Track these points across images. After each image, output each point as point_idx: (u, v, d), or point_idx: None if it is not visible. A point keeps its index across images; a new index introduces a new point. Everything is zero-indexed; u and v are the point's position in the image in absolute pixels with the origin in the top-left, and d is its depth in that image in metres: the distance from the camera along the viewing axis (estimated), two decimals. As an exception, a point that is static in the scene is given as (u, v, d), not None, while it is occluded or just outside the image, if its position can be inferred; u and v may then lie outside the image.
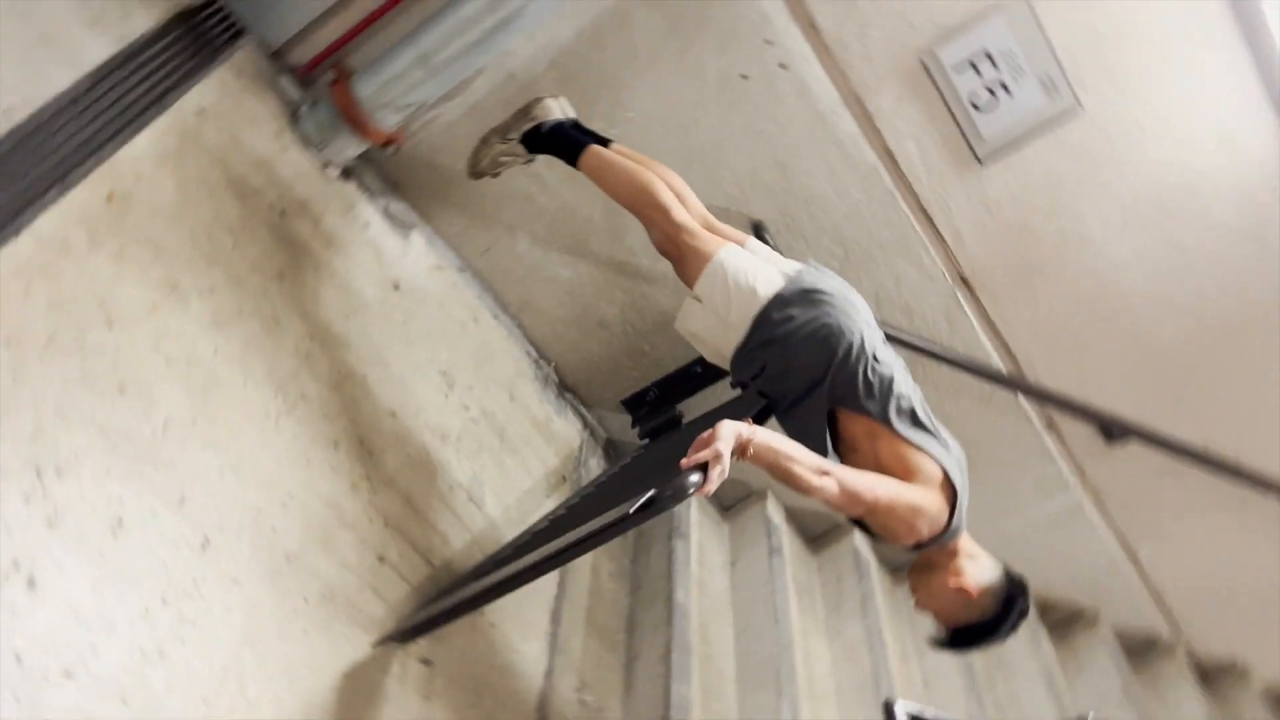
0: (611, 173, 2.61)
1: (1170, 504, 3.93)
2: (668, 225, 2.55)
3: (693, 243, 2.52)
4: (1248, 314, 3.50)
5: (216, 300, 2.43)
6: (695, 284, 2.50)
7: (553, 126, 2.70)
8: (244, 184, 2.75)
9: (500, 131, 2.73)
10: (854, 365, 2.41)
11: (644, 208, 2.58)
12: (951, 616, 2.45)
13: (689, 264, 2.53)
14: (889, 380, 2.44)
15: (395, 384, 2.88)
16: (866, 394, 2.42)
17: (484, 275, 3.57)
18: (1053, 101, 3.14)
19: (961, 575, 2.42)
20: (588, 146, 2.65)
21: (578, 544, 2.09)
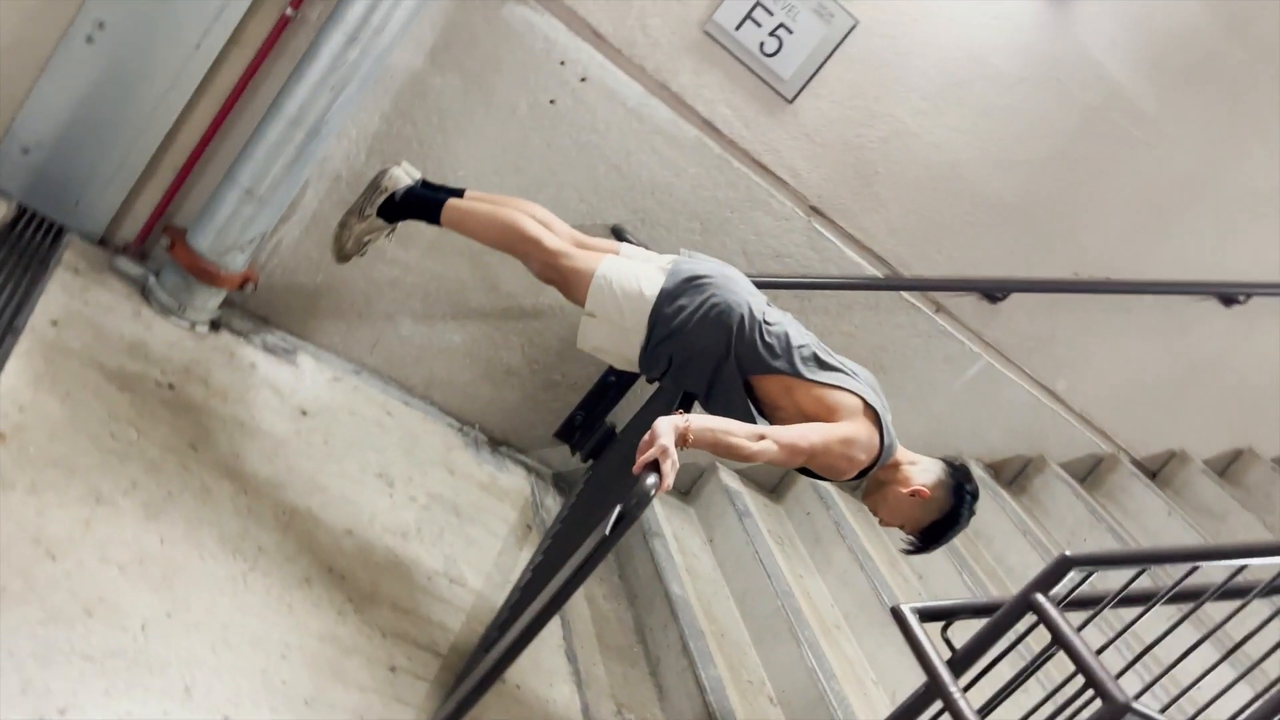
0: (475, 220, 2.69)
1: (1064, 335, 4.22)
2: (543, 255, 2.65)
3: (571, 264, 2.63)
4: (1061, 145, 3.79)
5: (143, 493, 2.43)
6: (586, 302, 2.60)
7: (405, 192, 2.73)
8: (124, 373, 2.74)
9: (356, 211, 2.76)
10: (750, 334, 2.57)
11: (516, 244, 2.68)
12: (916, 520, 2.63)
13: (574, 285, 2.64)
14: (785, 336, 2.60)
15: (340, 503, 2.92)
16: (770, 355, 2.58)
17: (381, 370, 3.62)
18: (831, 25, 3.34)
19: (910, 480, 2.62)
20: (445, 203, 2.71)
21: (570, 581, 2.18)
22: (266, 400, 3.10)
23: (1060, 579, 2.18)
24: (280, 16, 2.96)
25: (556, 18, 3.16)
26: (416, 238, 3.40)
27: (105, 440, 2.50)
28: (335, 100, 2.90)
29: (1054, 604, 2.17)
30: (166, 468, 2.56)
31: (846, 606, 3.67)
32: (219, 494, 2.62)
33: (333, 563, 2.70)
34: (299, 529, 2.72)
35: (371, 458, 3.23)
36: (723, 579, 3.71)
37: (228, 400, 2.96)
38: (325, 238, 3.32)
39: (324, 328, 3.49)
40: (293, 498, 2.80)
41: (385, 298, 3.48)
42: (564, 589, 2.25)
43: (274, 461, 2.87)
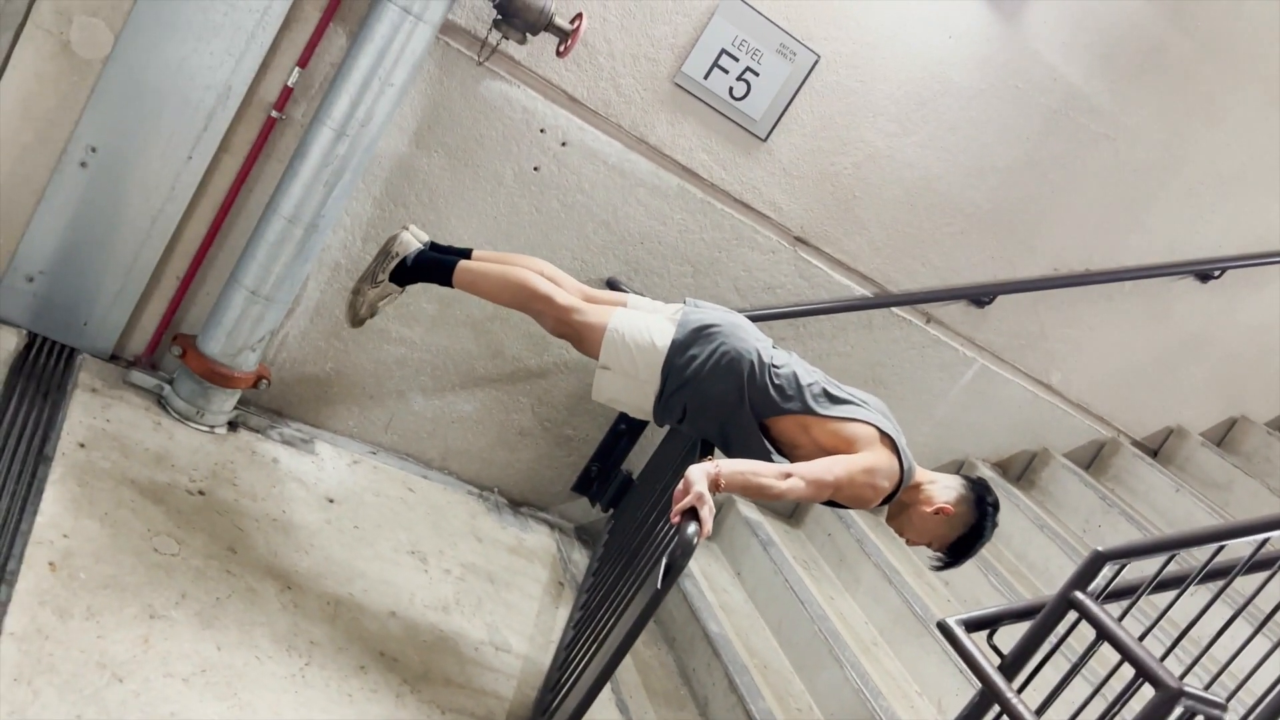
0: (488, 282, 2.76)
1: (1052, 330, 4.33)
2: (555, 311, 2.72)
3: (583, 319, 2.70)
4: (1028, 149, 3.91)
5: (194, 603, 2.47)
6: (599, 355, 2.68)
7: (415, 257, 2.78)
8: (155, 485, 2.78)
9: (368, 278, 2.80)
10: (762, 379, 2.66)
11: (528, 303, 2.74)
12: (943, 537, 2.71)
13: (587, 339, 2.71)
14: (794, 377, 2.69)
15: (380, 586, 2.96)
16: (782, 397, 2.67)
17: (397, 447, 3.67)
18: (794, 63, 3.45)
19: (933, 499, 2.70)
20: (457, 265, 2.77)
21: (626, 639, 2.24)
22: (294, 493, 3.14)
23: (1096, 574, 2.26)
24: (267, 119, 3.03)
25: (532, 88, 3.25)
26: (420, 315, 3.47)
27: (149, 555, 2.54)
28: (330, 194, 2.97)
29: (1093, 599, 2.25)
30: (211, 574, 2.60)
31: (880, 622, 3.73)
32: (265, 594, 2.65)
33: (383, 647, 2.73)
34: (345, 618, 2.75)
35: (402, 536, 3.27)
36: (756, 611, 3.76)
37: (257, 498, 3.00)
38: (330, 327, 3.39)
39: (338, 414, 3.54)
40: (334, 587, 2.84)
41: (394, 376, 3.54)
42: (621, 647, 2.31)
43: (310, 553, 2.91)
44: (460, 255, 2.78)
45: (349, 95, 2.88)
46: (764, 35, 3.38)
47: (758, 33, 3.37)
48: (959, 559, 2.75)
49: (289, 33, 2.96)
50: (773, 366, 2.71)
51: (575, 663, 2.75)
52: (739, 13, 3.33)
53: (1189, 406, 4.78)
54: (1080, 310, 4.31)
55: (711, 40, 3.34)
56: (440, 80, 3.16)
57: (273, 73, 2.99)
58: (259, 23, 2.89)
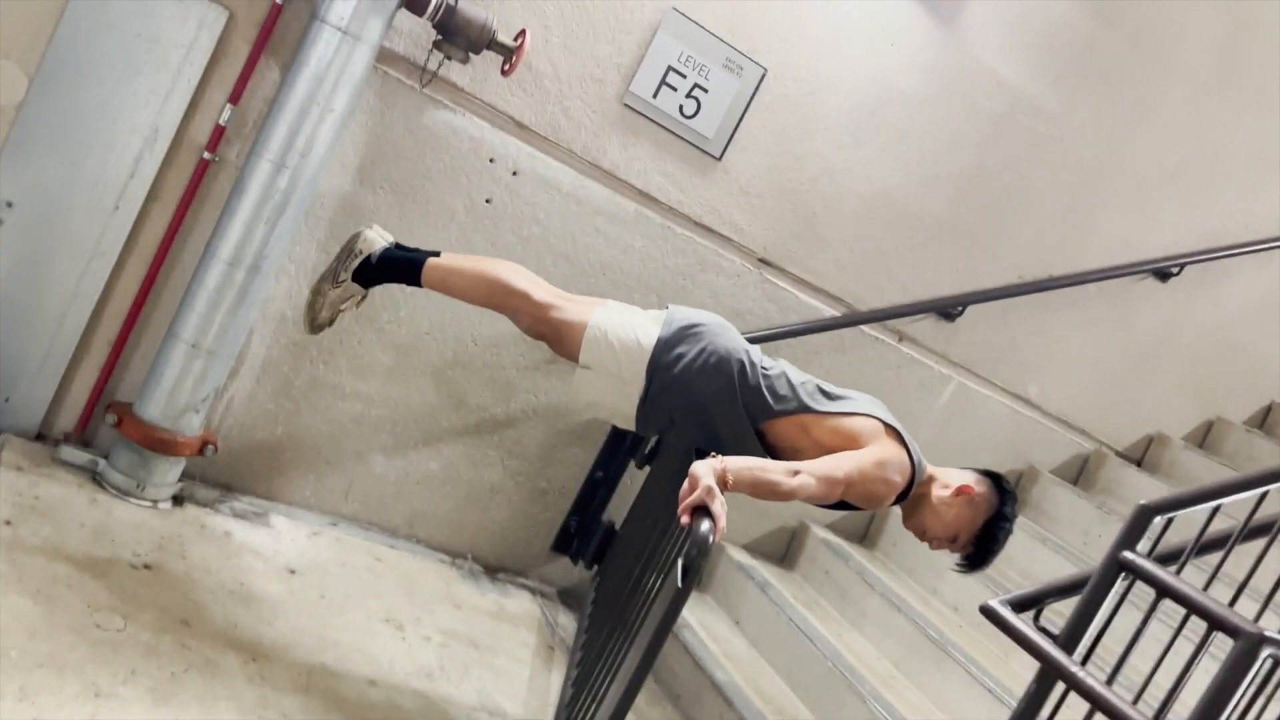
0: (460, 279, 2.54)
1: (1023, 340, 4.25)
2: (532, 308, 2.52)
3: (562, 316, 2.51)
4: (979, 154, 3.89)
5: (145, 679, 2.15)
6: (580, 354, 2.48)
7: (381, 254, 2.55)
8: (94, 560, 2.48)
9: (329, 277, 2.56)
10: (754, 380, 2.49)
11: (503, 298, 2.54)
12: (969, 522, 2.51)
13: (566, 337, 2.51)
14: (785, 377, 2.54)
15: (355, 655, 2.65)
16: (775, 398, 2.50)
17: (359, 516, 3.38)
18: (742, 78, 3.40)
19: (951, 483, 2.53)
20: (426, 261, 2.54)
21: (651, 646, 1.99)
22: (251, 564, 2.84)
23: (1144, 531, 2.09)
24: (199, 162, 2.84)
25: (478, 116, 3.12)
26: (374, 366, 3.24)
27: (91, 631, 2.22)
28: (272, 232, 2.77)
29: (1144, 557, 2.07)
30: (164, 649, 2.29)
31: (894, 654, 3.49)
32: (227, 666, 2.34)
33: (365, 716, 2.42)
34: (320, 688, 2.44)
35: (374, 605, 2.97)
36: (761, 658, 3.49)
37: (210, 571, 2.70)
38: (279, 386, 3.14)
39: (292, 483, 3.26)
40: (305, 657, 2.53)
41: (351, 436, 3.28)
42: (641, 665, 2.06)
43: (275, 624, 2.61)
44: (429, 255, 2.57)
45: (286, 124, 2.72)
46: (709, 50, 3.32)
47: (703, 48, 3.31)
48: (986, 551, 2.55)
49: (218, 68, 2.80)
50: (763, 369, 2.55)
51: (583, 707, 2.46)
52: (682, 28, 3.27)
53: (1166, 413, 4.70)
54: (1048, 318, 4.25)
55: (657, 58, 3.27)
56: (381, 113, 3.02)
57: (203, 111, 2.82)
58: (185, 58, 2.73)
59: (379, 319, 3.20)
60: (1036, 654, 2.02)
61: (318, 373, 3.18)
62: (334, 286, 2.52)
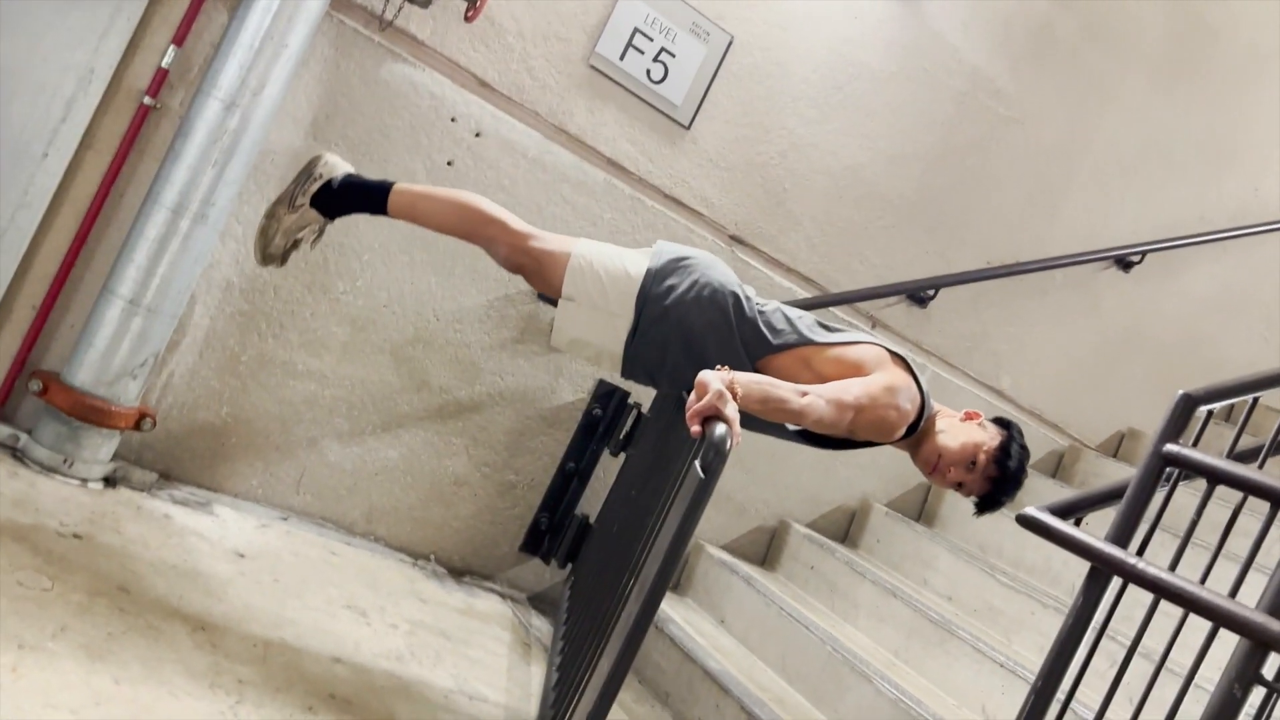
0: (430, 203, 2.32)
1: (994, 329, 4.17)
2: (510, 236, 2.31)
3: (542, 245, 2.31)
4: (945, 134, 3.86)
5: (76, 636, 1.85)
6: (563, 284, 2.28)
7: (344, 179, 2.32)
8: (16, 525, 2.17)
9: (285, 200, 2.32)
10: (750, 314, 2.35)
11: (478, 225, 2.32)
12: (985, 445, 2.37)
13: (548, 268, 2.30)
14: (779, 310, 2.40)
15: (316, 633, 2.35)
16: (774, 333, 2.36)
17: (311, 510, 3.09)
18: (709, 44, 3.32)
19: (956, 415, 2.44)
20: (393, 186, 2.32)
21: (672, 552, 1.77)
22: (194, 545, 2.53)
23: (1186, 422, 1.96)
24: (138, 108, 2.62)
25: (439, 71, 2.97)
26: (329, 342, 3.00)
27: (12, 589, 1.92)
28: (221, 176, 2.56)
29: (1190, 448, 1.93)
30: (98, 610, 1.98)
31: (892, 643, 3.27)
32: (172, 632, 2.04)
33: (333, 689, 2.13)
34: (279, 660, 2.14)
35: (333, 592, 2.67)
36: (751, 654, 3.25)
37: (149, 547, 2.39)
38: (224, 361, 2.88)
39: (238, 471, 2.96)
40: (260, 631, 2.23)
41: (303, 420, 3.01)
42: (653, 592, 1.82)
43: (225, 600, 2.30)
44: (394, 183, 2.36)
45: (238, 61, 2.53)
46: (675, 13, 3.24)
47: (669, 10, 3.23)
48: (1005, 485, 2.39)
49: (161, 7, 2.61)
50: (758, 302, 2.40)
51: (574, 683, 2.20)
52: (648, -11, 3.19)
53: (1135, 408, 4.64)
54: (1017, 306, 4.18)
55: (623, 18, 3.17)
56: (337, 64, 2.85)
57: (144, 53, 2.61)
58: (125, -7, 2.54)
59: (334, 288, 2.97)
60: (1087, 553, 1.85)
61: (267, 347, 2.92)
62: (290, 211, 2.29)
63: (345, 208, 2.35)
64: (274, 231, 2.31)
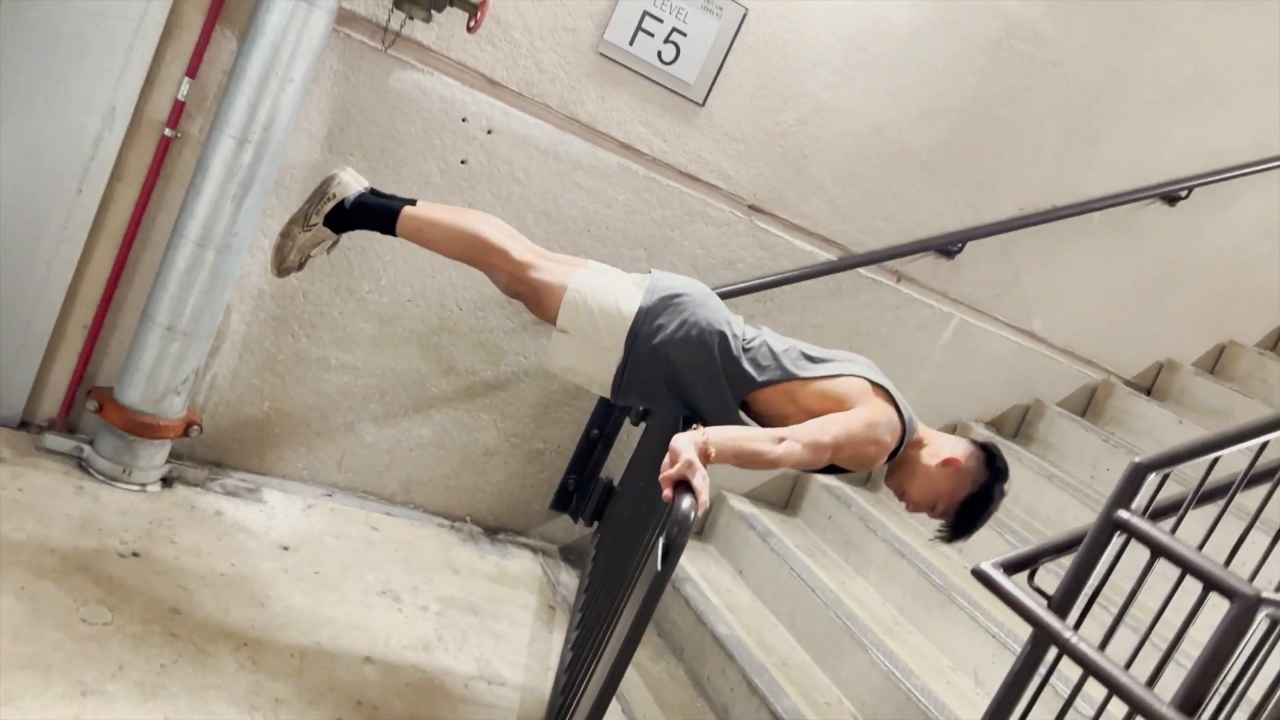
0: (436, 230, 2.44)
1: (1026, 274, 4.15)
2: (510, 266, 2.43)
3: (541, 277, 2.42)
4: (976, 85, 3.74)
5: (133, 673, 2.15)
6: (557, 317, 2.41)
7: (356, 200, 2.45)
8: (80, 552, 2.47)
9: (300, 219, 2.46)
10: (735, 352, 2.42)
11: (481, 254, 2.45)
12: (949, 495, 2.45)
13: (545, 299, 2.43)
14: (766, 346, 2.46)
15: (350, 631, 2.65)
16: (759, 369, 2.43)
17: (353, 486, 3.36)
18: (722, 19, 3.26)
19: (940, 452, 2.45)
20: (402, 210, 2.44)
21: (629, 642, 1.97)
22: (243, 544, 2.83)
23: (1138, 489, 2.02)
24: (161, 139, 2.76)
25: (447, 75, 3.02)
26: (358, 336, 3.19)
27: (77, 627, 2.22)
28: (240, 209, 2.70)
29: (1140, 515, 2.01)
30: (152, 640, 2.28)
31: (899, 600, 3.47)
32: (217, 654, 2.34)
33: (360, 695, 2.43)
34: (314, 669, 2.44)
35: (370, 577, 2.96)
36: (765, 608, 3.49)
37: (201, 554, 2.69)
38: (263, 362, 3.10)
39: (284, 457, 3.23)
40: (298, 638, 2.53)
41: (340, 408, 3.25)
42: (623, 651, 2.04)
43: (267, 605, 2.60)
44: (406, 203, 2.48)
45: (246, 98, 2.63)
46: (685, -9, 3.18)
47: (678, -11, 3.17)
48: (966, 527, 2.49)
49: (173, 41, 2.70)
50: (744, 339, 2.47)
51: (577, 682, 2.46)
52: (656, -30, 3.13)
53: (1175, 338, 4.60)
54: (1052, 250, 4.13)
55: (631, 2, 3.13)
56: (346, 77, 2.91)
57: (161, 87, 2.73)
58: (136, 33, 2.63)
59: (359, 289, 3.14)
60: (1029, 619, 1.98)
61: (300, 346, 3.13)
62: (304, 230, 2.43)
63: (355, 226, 2.48)
64: (289, 249, 2.45)
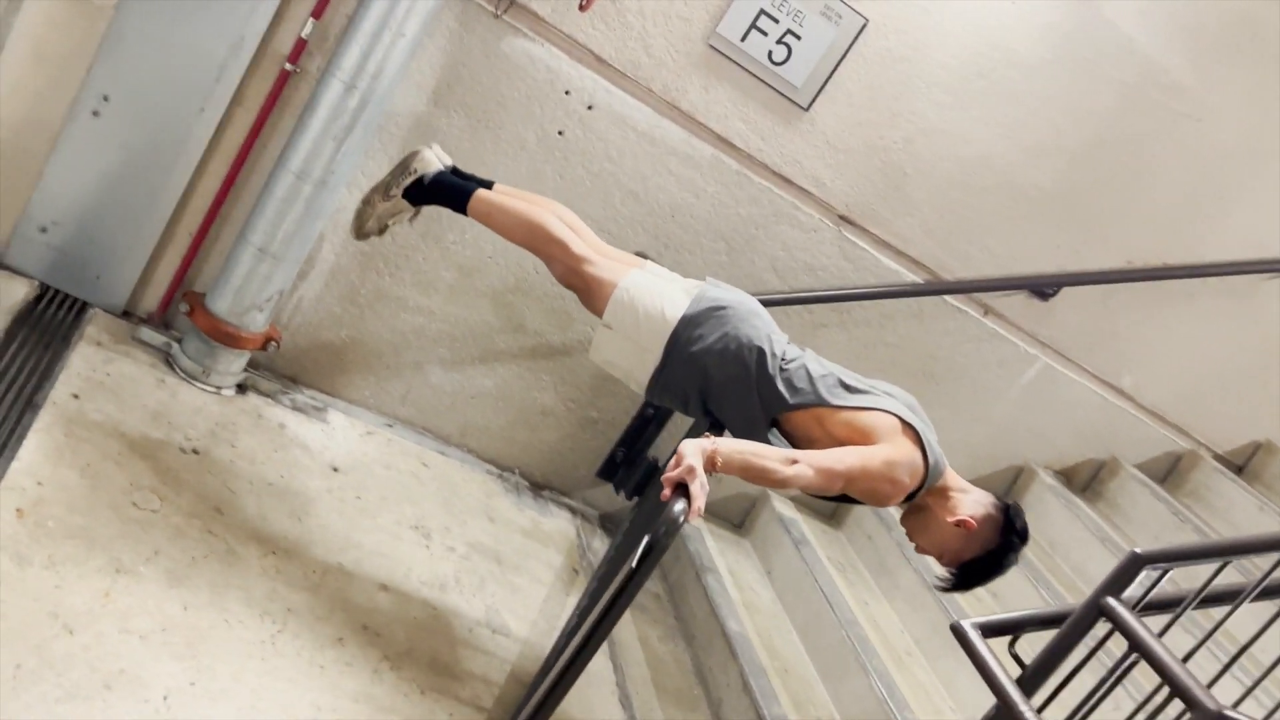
0: (503, 215, 2.58)
1: (1124, 329, 4.00)
2: (568, 258, 2.54)
3: (595, 272, 2.52)
4: (1099, 127, 3.61)
5: (166, 560, 2.37)
6: (604, 312, 2.50)
7: (434, 177, 2.60)
8: (147, 441, 2.71)
9: (382, 189, 2.62)
10: (771, 371, 2.45)
11: (541, 244, 2.57)
12: (955, 553, 2.43)
13: (595, 294, 2.53)
14: (804, 370, 2.47)
15: (374, 558, 2.84)
16: (791, 390, 2.45)
17: (414, 421, 3.55)
18: (840, 27, 3.24)
19: (958, 509, 2.41)
20: (474, 193, 2.59)
21: (600, 622, 2.06)
22: (296, 459, 3.04)
23: (1132, 579, 1.99)
24: (280, 72, 2.95)
25: (557, 47, 3.10)
26: (437, 283, 3.35)
27: (127, 509, 2.45)
28: (339, 150, 2.87)
29: (1129, 607, 1.98)
30: (191, 533, 2.51)
31: (917, 631, 3.47)
32: (246, 557, 2.55)
33: (367, 620, 2.60)
34: (330, 588, 2.63)
35: (408, 510, 3.15)
36: (783, 611, 3.54)
37: (255, 462, 2.91)
38: (346, 292, 3.29)
39: (353, 383, 3.44)
40: (324, 556, 2.73)
41: (411, 347, 3.42)
42: (594, 631, 2.12)
43: (304, 520, 2.81)
44: (481, 184, 2.61)
45: (359, 46, 2.78)
46: (807, -4, 3.17)
47: (799, -8, 3.16)
48: (969, 583, 2.48)
49: (304, -19, 2.87)
50: (782, 359, 2.49)
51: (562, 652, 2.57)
52: (780, -30, 3.13)
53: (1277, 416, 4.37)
54: (1157, 309, 3.97)
55: (749, 0, 3.14)
56: (461, 36, 3.03)
57: (287, 24, 2.91)
58: (272, -30, 2.80)
59: (445, 238, 3.28)
60: (993, 687, 1.99)
61: (383, 284, 3.31)
62: (384, 200, 2.59)
63: (431, 201, 2.64)
64: (368, 216, 2.63)
